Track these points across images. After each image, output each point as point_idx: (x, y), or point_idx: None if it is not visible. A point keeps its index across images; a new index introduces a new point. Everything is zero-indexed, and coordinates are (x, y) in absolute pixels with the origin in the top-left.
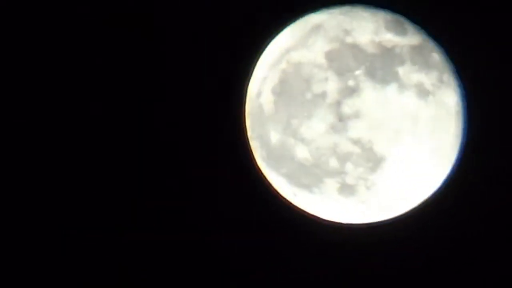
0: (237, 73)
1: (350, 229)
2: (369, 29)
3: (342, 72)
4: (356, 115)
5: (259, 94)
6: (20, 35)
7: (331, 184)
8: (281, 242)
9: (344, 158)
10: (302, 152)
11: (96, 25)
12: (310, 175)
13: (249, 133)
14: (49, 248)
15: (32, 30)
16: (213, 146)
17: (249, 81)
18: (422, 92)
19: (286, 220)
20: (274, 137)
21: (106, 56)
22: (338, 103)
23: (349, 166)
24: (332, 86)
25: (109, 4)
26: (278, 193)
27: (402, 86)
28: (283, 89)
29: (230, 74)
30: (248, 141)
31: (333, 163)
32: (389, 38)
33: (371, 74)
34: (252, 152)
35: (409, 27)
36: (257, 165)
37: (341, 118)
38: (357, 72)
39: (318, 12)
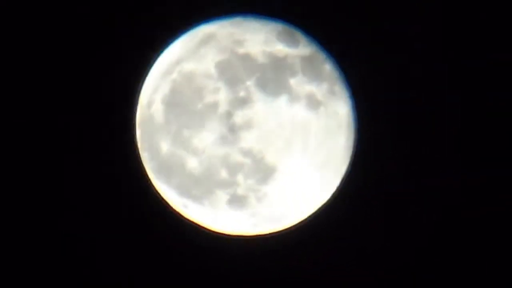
0: (127, 83)
1: (240, 240)
2: (261, 39)
3: (233, 83)
4: (247, 126)
5: (150, 104)
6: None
7: (221, 196)
8: (171, 254)
9: (234, 169)
10: (192, 163)
11: None
12: (200, 186)
13: (139, 144)
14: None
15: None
16: (102, 157)
17: (140, 91)
18: (313, 103)
19: (177, 232)
20: (165, 148)
21: None
22: (229, 114)
23: (240, 177)
24: (223, 96)
25: None
26: (168, 204)
27: (293, 97)
28: (174, 100)
29: (120, 84)
30: (139, 152)
31: (224, 174)
32: (281, 49)
33: (262, 85)
34: (142, 163)
35: (301, 38)
36: (147, 176)
37: (232, 129)
38: (248, 83)
39: (209, 23)
